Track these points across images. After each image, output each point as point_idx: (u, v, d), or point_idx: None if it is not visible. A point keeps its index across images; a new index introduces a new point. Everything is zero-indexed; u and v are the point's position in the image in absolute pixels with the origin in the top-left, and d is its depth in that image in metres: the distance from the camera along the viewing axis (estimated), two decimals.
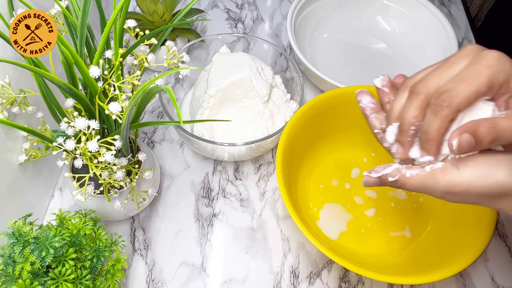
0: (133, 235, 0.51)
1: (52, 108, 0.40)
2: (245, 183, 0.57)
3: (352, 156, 0.57)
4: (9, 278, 0.35)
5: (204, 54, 0.64)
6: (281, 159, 0.45)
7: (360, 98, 0.35)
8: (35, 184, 0.49)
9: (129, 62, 0.42)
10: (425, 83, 0.29)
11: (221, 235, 0.52)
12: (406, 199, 0.54)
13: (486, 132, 0.27)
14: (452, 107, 0.27)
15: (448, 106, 0.27)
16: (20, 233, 0.36)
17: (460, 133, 0.27)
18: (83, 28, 0.36)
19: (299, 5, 0.66)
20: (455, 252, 0.42)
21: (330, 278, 0.49)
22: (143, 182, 0.47)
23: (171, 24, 0.41)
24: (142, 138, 0.60)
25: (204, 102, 0.53)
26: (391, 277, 0.39)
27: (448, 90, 0.27)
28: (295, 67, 0.57)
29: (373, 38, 0.73)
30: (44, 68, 0.36)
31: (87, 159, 0.37)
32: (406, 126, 0.30)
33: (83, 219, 0.40)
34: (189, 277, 0.49)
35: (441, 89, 0.27)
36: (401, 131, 0.30)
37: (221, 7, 0.78)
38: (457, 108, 0.27)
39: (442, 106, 0.27)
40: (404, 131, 0.30)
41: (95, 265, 0.39)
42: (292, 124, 0.48)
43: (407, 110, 0.29)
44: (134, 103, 0.34)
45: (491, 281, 0.50)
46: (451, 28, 0.65)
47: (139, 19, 0.61)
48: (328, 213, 0.53)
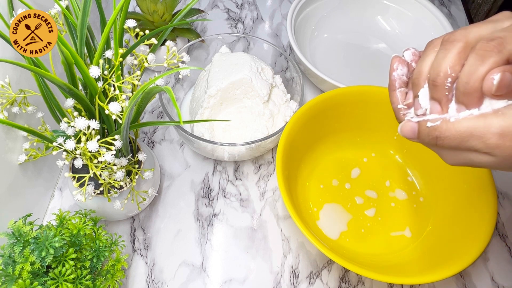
0: (133, 235, 0.51)
1: (52, 108, 0.40)
2: (245, 183, 0.57)
3: (352, 156, 0.57)
4: (9, 278, 0.35)
5: (204, 54, 0.64)
6: (281, 159, 0.45)
7: (397, 66, 0.31)
8: (35, 184, 0.49)
9: (129, 62, 0.42)
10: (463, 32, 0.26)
11: (221, 235, 0.52)
12: (406, 199, 0.54)
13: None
14: (503, 54, 0.24)
15: (499, 52, 0.24)
16: (20, 233, 0.36)
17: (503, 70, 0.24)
18: (83, 28, 0.36)
19: (299, 5, 0.66)
20: (455, 252, 0.42)
21: (330, 278, 0.49)
22: (143, 182, 0.47)
23: (171, 24, 0.41)
24: (142, 138, 0.60)
25: (204, 102, 0.53)
26: (391, 277, 0.39)
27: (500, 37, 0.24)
28: (295, 67, 0.57)
29: (373, 38, 0.73)
30: (44, 68, 0.36)
31: (87, 159, 0.37)
32: (441, 79, 0.26)
33: (83, 219, 0.40)
34: (189, 277, 0.49)
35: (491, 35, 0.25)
36: (435, 86, 0.27)
37: (221, 7, 0.78)
38: (508, 56, 0.24)
39: (492, 51, 0.24)
40: (440, 85, 0.26)
41: (95, 265, 0.39)
42: (292, 124, 0.48)
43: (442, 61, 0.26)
44: (134, 103, 0.34)
45: (491, 281, 0.50)
46: (451, 28, 0.65)
47: (139, 19, 0.61)
48: (328, 213, 0.53)
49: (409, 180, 0.55)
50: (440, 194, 0.51)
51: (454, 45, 0.26)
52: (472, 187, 0.46)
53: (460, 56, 0.26)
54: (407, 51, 0.31)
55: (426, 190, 0.54)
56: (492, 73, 0.24)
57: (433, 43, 0.28)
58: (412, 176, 0.56)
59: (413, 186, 0.55)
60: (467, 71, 0.25)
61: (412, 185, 0.55)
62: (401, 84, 0.31)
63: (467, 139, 0.26)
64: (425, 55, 0.28)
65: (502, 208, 0.56)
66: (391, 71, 0.31)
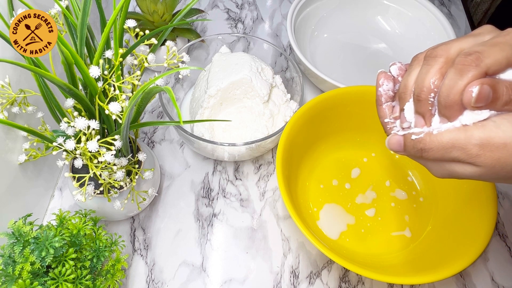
0: (133, 235, 0.51)
1: (52, 108, 0.40)
2: (245, 183, 0.57)
3: (352, 156, 0.57)
4: (9, 278, 0.35)
5: (204, 54, 0.64)
6: (281, 159, 0.45)
7: (382, 82, 0.32)
8: (35, 184, 0.49)
9: (129, 62, 0.42)
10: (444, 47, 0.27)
11: (221, 235, 0.52)
12: (406, 199, 0.54)
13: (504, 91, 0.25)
14: (481, 69, 0.25)
15: (476, 66, 0.25)
16: (20, 233, 0.36)
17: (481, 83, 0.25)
18: (83, 28, 0.36)
19: (299, 5, 0.66)
20: (455, 252, 0.42)
21: (330, 278, 0.49)
22: (143, 182, 0.47)
23: (171, 24, 0.41)
24: (142, 138, 0.60)
25: (204, 102, 0.53)
26: (391, 277, 0.39)
27: (478, 52, 0.25)
28: (295, 67, 0.57)
29: (373, 38, 0.73)
30: (44, 68, 0.36)
31: (87, 159, 0.37)
32: (424, 94, 0.27)
33: (83, 219, 0.40)
34: (189, 277, 0.49)
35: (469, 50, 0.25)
36: (419, 101, 0.28)
37: (221, 7, 0.78)
38: (486, 70, 0.25)
39: (470, 65, 0.25)
40: (423, 100, 0.27)
41: (95, 265, 0.39)
42: (292, 124, 0.48)
43: (425, 76, 0.27)
44: (134, 103, 0.34)
45: (491, 281, 0.50)
46: (451, 28, 0.65)
47: (139, 19, 0.61)
48: (328, 213, 0.53)
49: (409, 180, 0.55)
50: (440, 194, 0.51)
51: (436, 60, 0.27)
52: (472, 187, 0.47)
53: (442, 72, 0.27)
54: (393, 66, 0.32)
55: (426, 190, 0.54)
56: (471, 86, 0.25)
57: (418, 58, 0.29)
58: (412, 176, 0.56)
59: (413, 186, 0.55)
60: (447, 85, 0.26)
61: (412, 185, 0.55)
62: (387, 99, 0.32)
63: (450, 150, 0.27)
64: (410, 69, 0.29)
65: (502, 208, 0.56)
66: (377, 86, 0.32)
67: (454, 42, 0.27)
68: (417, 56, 0.29)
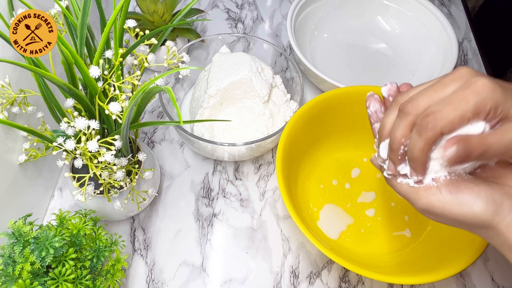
0: (133, 235, 0.51)
1: (52, 108, 0.40)
2: (245, 183, 0.57)
3: (352, 156, 0.57)
4: (9, 278, 0.35)
5: (204, 54, 0.64)
6: (281, 159, 0.45)
7: (369, 104, 0.35)
8: (35, 184, 0.49)
9: (129, 62, 0.42)
10: (415, 103, 0.29)
11: (221, 235, 0.52)
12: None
13: (476, 144, 0.27)
14: (436, 130, 0.27)
15: (432, 128, 0.27)
16: (20, 233, 0.36)
17: (452, 143, 0.27)
18: (83, 28, 0.36)
19: (299, 5, 0.66)
20: (455, 252, 0.42)
21: (330, 278, 0.49)
22: (143, 182, 0.47)
23: (171, 24, 0.41)
24: (142, 138, 0.60)
25: (204, 102, 0.53)
26: (391, 277, 0.39)
27: (434, 112, 0.27)
28: (295, 67, 0.57)
29: (373, 38, 0.73)
30: (44, 68, 0.36)
31: (87, 159, 0.37)
32: (395, 145, 0.30)
33: (83, 219, 0.40)
34: (189, 277, 0.49)
35: (428, 110, 0.28)
36: (391, 150, 0.31)
37: (221, 7, 0.78)
38: (440, 131, 0.27)
39: (427, 128, 0.27)
40: (394, 150, 0.30)
41: (95, 265, 0.39)
42: (292, 124, 0.48)
43: (396, 130, 0.30)
44: (134, 103, 0.34)
45: (491, 281, 0.50)
46: (451, 28, 0.65)
47: (139, 19, 0.61)
48: (328, 213, 0.53)
49: None
50: None
51: (406, 117, 0.29)
52: None
53: (411, 128, 0.29)
54: (384, 87, 0.34)
55: None
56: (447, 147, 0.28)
57: (397, 101, 0.31)
58: None
59: None
60: (411, 143, 0.29)
61: None
62: (377, 119, 0.35)
63: (407, 198, 0.31)
64: (389, 111, 0.32)
65: None
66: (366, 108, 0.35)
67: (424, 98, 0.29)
68: (397, 99, 0.32)
